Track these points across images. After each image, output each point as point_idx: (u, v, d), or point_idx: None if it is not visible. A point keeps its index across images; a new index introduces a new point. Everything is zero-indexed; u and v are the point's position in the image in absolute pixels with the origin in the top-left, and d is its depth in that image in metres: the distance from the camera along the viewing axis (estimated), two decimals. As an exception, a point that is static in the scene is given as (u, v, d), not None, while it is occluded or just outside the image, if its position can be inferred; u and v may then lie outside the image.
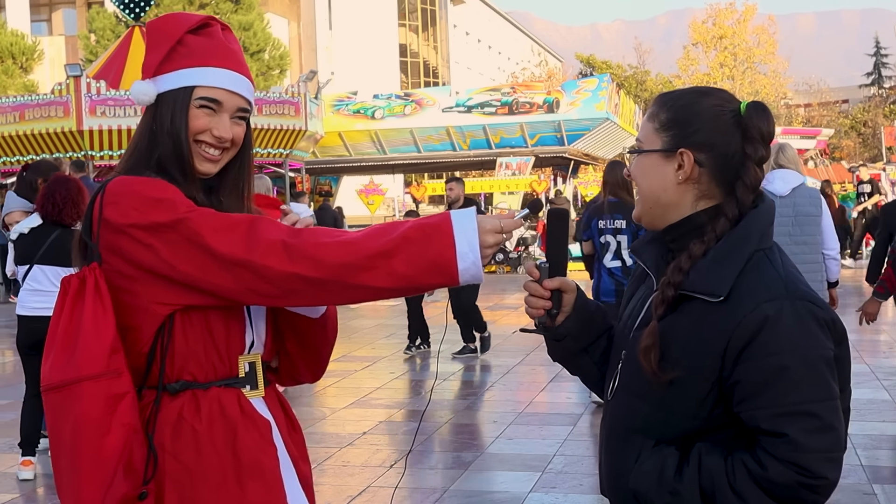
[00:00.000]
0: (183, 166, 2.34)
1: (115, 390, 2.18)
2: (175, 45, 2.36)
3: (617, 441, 2.22)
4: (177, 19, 2.41)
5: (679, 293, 2.09)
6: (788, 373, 1.98)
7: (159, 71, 2.36)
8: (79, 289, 2.23)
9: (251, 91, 2.45)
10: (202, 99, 2.34)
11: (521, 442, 7.65)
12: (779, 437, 1.97)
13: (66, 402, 2.18)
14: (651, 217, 2.23)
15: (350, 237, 2.20)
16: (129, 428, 2.19)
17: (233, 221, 2.21)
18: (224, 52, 2.40)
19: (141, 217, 2.20)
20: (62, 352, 2.20)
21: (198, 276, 2.20)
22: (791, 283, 2.06)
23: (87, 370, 2.16)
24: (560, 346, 2.39)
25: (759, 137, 2.13)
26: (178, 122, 2.33)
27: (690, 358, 2.05)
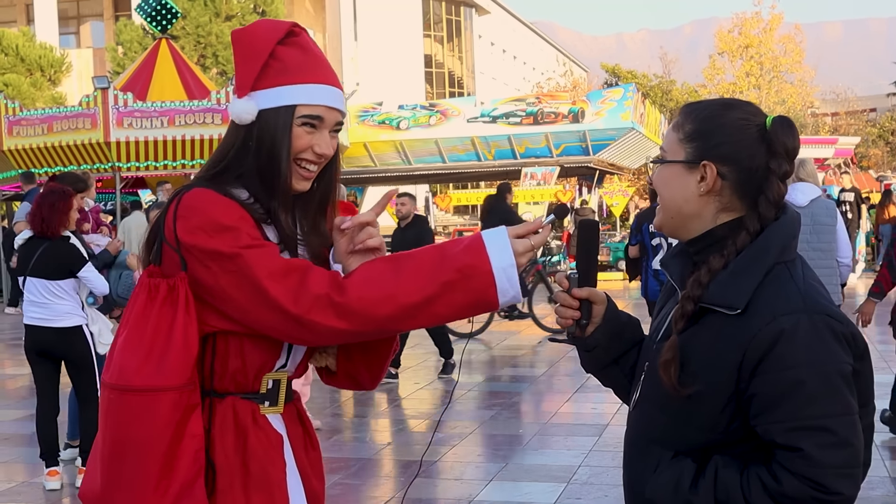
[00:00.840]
0: (273, 182, 2.33)
1: (192, 401, 2.24)
2: (268, 59, 2.34)
3: (636, 451, 2.23)
4: (264, 31, 2.38)
5: (699, 306, 2.09)
6: (804, 387, 1.97)
7: (256, 87, 2.35)
8: (168, 296, 2.24)
9: (344, 102, 2.45)
10: (305, 118, 2.34)
11: (546, 452, 7.63)
12: (794, 451, 1.96)
13: (149, 406, 2.20)
14: (672, 227, 2.23)
15: (393, 284, 2.20)
16: (199, 439, 2.25)
17: (287, 268, 2.22)
18: (319, 66, 2.40)
19: (206, 240, 2.23)
20: (149, 357, 2.22)
21: (248, 307, 2.23)
22: (810, 297, 2.05)
23: (176, 380, 2.21)
24: (591, 356, 2.39)
25: (784, 153, 2.12)
26: (281, 142, 2.33)
27: (708, 371, 2.05)
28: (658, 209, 2.26)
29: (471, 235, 2.28)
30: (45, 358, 7.15)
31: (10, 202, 24.84)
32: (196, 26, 35.58)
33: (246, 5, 37.63)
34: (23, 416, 9.60)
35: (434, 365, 11.96)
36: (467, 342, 8.38)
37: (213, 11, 36.49)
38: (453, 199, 31.17)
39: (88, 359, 7.11)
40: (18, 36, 41.14)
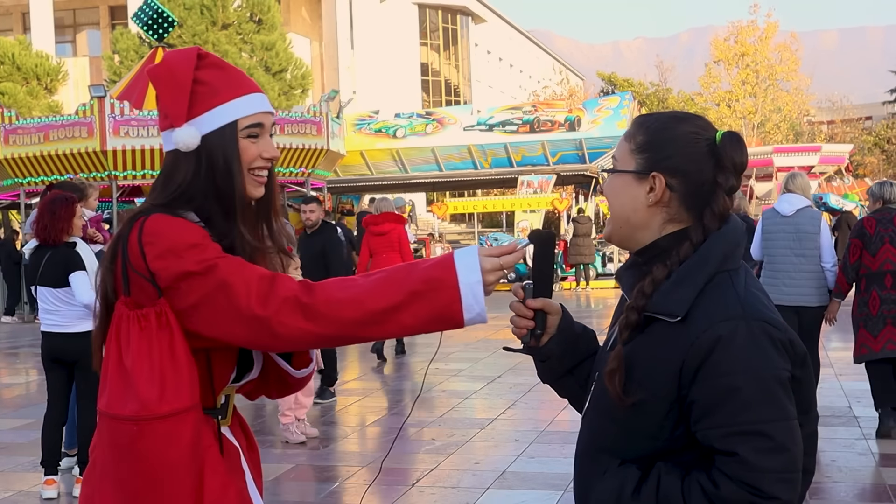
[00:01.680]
0: (231, 200, 2.43)
1: (199, 420, 2.34)
2: (193, 86, 2.44)
3: (585, 460, 2.26)
4: (178, 61, 2.47)
5: (644, 316, 2.12)
6: (740, 393, 1.99)
7: (191, 115, 2.43)
8: (158, 322, 2.31)
9: (269, 104, 2.56)
10: (248, 128, 2.45)
11: (542, 461, 7.63)
12: (730, 455, 1.98)
13: (175, 429, 2.27)
14: (619, 236, 2.26)
15: (361, 289, 2.28)
16: (215, 448, 2.39)
17: (256, 275, 2.29)
18: (240, 78, 2.51)
19: (176, 263, 2.29)
20: (164, 383, 2.28)
21: (219, 319, 2.29)
22: (749, 304, 2.07)
23: (193, 399, 2.30)
24: (545, 366, 2.43)
25: (732, 167, 2.16)
26: (232, 158, 2.43)
27: (651, 379, 2.07)
28: (607, 220, 2.30)
29: (444, 253, 2.35)
30: (59, 365, 7.19)
31: (5, 211, 24.83)
32: (193, 35, 35.61)
33: (242, 14, 37.67)
34: (20, 426, 9.59)
35: (432, 373, 11.95)
36: (329, 387, 8.17)
37: (210, 20, 36.53)
38: (450, 208, 31.14)
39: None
40: (14, 44, 41.14)
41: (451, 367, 12.45)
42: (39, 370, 13.34)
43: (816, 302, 8.29)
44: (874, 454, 7.65)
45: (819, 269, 8.29)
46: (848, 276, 8.27)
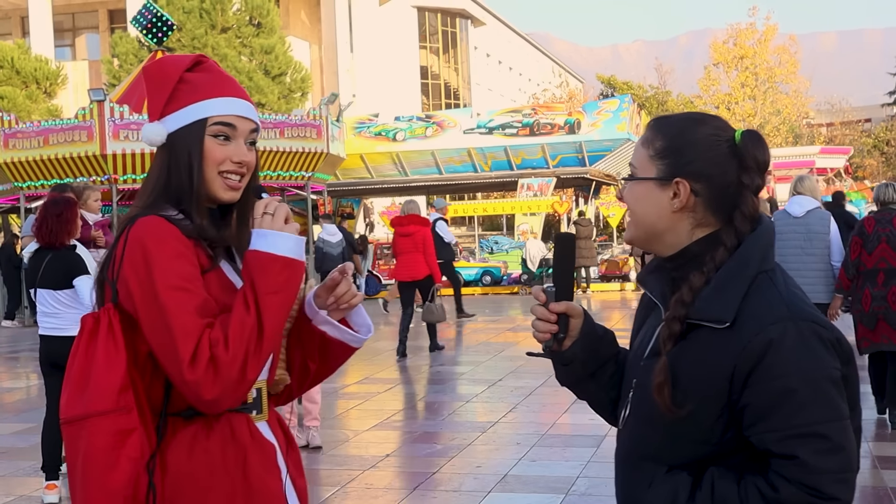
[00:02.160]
0: (196, 199, 2.44)
1: (123, 426, 2.26)
2: (177, 84, 2.46)
3: (629, 469, 2.22)
4: (172, 61, 2.51)
5: (686, 322, 2.09)
6: (795, 395, 1.98)
7: (166, 112, 2.46)
8: (93, 328, 2.32)
9: (257, 115, 2.55)
10: (217, 126, 2.44)
11: (544, 464, 7.62)
12: (789, 459, 1.97)
13: (77, 435, 2.28)
14: (645, 243, 2.24)
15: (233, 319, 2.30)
16: (137, 462, 2.27)
17: (196, 327, 2.27)
18: (226, 82, 2.51)
19: (136, 275, 2.31)
20: (76, 388, 2.30)
21: (156, 353, 2.30)
22: (794, 305, 2.06)
23: (96, 406, 2.26)
24: (567, 370, 2.39)
25: (755, 167, 2.14)
26: (194, 155, 2.43)
27: (700, 385, 2.05)
28: (629, 224, 2.27)
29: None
30: (58, 368, 7.18)
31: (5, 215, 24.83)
32: (192, 38, 35.63)
33: (242, 17, 37.68)
34: (20, 430, 9.58)
35: (435, 377, 11.96)
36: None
37: (209, 23, 36.54)
38: (450, 211, 31.16)
39: None
40: (14, 48, 41.16)
41: (452, 371, 12.45)
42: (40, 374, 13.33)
43: (826, 298, 8.76)
44: (873, 457, 7.64)
45: (829, 266, 8.78)
46: (848, 273, 8.57)
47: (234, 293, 2.39)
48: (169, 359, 2.26)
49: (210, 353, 2.24)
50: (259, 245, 2.33)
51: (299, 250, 2.36)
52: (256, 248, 2.33)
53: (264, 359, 2.32)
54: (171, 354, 2.25)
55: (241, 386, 2.28)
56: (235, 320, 2.27)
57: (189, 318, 2.26)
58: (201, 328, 2.26)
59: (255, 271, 2.31)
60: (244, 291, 2.31)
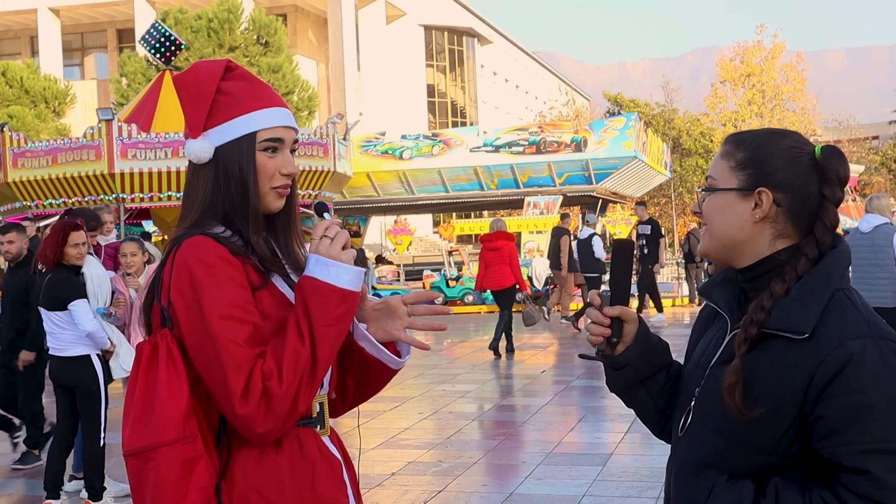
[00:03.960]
0: (249, 213, 2.39)
1: (190, 454, 2.23)
2: (215, 96, 2.41)
3: (689, 475, 2.21)
4: (205, 70, 2.44)
5: (760, 331, 2.10)
6: (873, 411, 1.98)
7: (209, 126, 2.40)
8: (151, 355, 2.27)
9: (294, 121, 2.51)
10: (266, 141, 2.40)
11: (550, 482, 7.62)
12: (861, 473, 1.96)
13: (144, 467, 2.23)
14: (724, 255, 2.24)
15: (289, 347, 2.26)
16: (206, 491, 2.25)
17: (247, 359, 2.24)
18: (265, 91, 2.46)
19: (185, 302, 2.27)
20: (139, 419, 2.25)
21: (207, 383, 2.28)
22: (873, 323, 2.06)
23: (163, 437, 2.21)
24: (618, 375, 2.38)
25: (837, 180, 2.15)
26: (247, 171, 2.39)
27: (771, 395, 2.05)
28: (705, 236, 2.27)
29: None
30: (63, 388, 7.22)
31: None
32: (200, 57, 35.76)
33: (249, 36, 37.85)
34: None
35: (439, 395, 11.96)
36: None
37: (217, 43, 36.71)
38: (456, 229, 31.22)
39: (94, 388, 7.15)
40: (23, 68, 41.37)
41: (458, 389, 12.45)
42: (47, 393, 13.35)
43: (893, 303, 9.91)
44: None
45: (893, 275, 9.99)
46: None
47: (287, 306, 2.36)
48: (220, 391, 2.23)
49: (263, 387, 2.21)
50: (319, 273, 2.30)
51: (358, 283, 2.34)
52: (316, 277, 2.30)
53: (315, 390, 2.29)
54: (221, 387, 2.22)
55: (291, 418, 2.26)
56: (290, 351, 2.24)
57: (240, 350, 2.22)
58: (252, 359, 2.23)
59: (313, 301, 2.28)
60: (298, 320, 2.27)
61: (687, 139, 59.06)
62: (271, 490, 2.31)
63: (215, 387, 2.24)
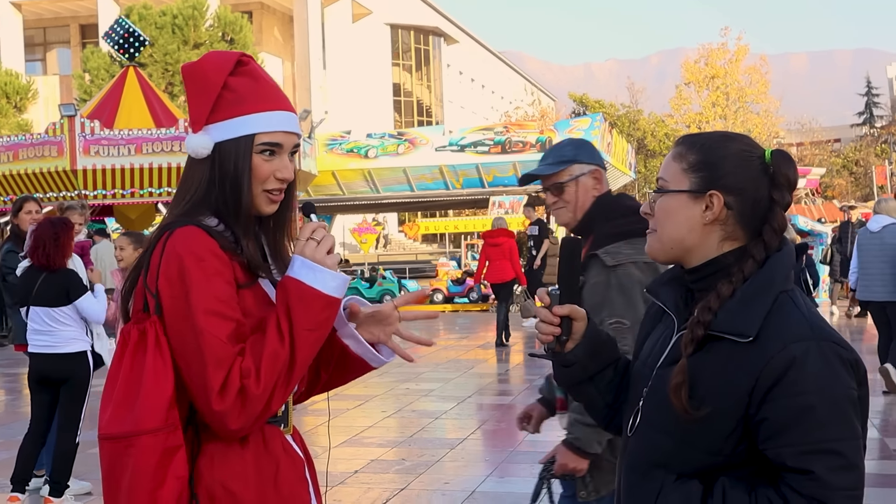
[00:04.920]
0: (240, 213, 2.39)
1: (170, 443, 2.22)
2: (221, 91, 2.39)
3: (638, 476, 2.23)
4: (215, 63, 2.42)
5: (706, 332, 2.13)
6: (815, 412, 2.01)
7: (210, 120, 2.39)
8: (139, 341, 2.26)
9: (299, 126, 2.50)
10: (264, 145, 2.39)
11: (512, 481, 7.64)
12: (804, 473, 2.00)
13: (124, 453, 2.22)
14: (671, 255, 2.26)
15: (267, 349, 2.25)
16: (183, 480, 2.24)
17: (224, 358, 2.23)
18: (272, 93, 2.44)
19: (173, 290, 2.26)
20: (122, 403, 2.24)
21: (184, 373, 2.26)
22: (816, 325, 2.09)
23: (147, 424, 2.20)
24: (567, 372, 2.40)
25: (787, 184, 2.18)
26: (242, 171, 2.38)
27: (716, 396, 2.08)
28: (652, 237, 2.29)
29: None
30: (45, 387, 7.19)
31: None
32: (164, 54, 35.57)
33: (214, 33, 37.65)
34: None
35: (403, 393, 11.96)
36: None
37: (182, 39, 36.48)
38: (421, 228, 31.23)
39: (85, 384, 7.20)
40: (-16, 63, 40.92)
41: (421, 388, 12.46)
42: (7, 391, 13.24)
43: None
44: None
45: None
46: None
47: (269, 306, 2.35)
48: (198, 385, 2.22)
49: (240, 385, 2.21)
50: (304, 277, 2.29)
51: (343, 289, 2.34)
52: (301, 280, 2.29)
53: (290, 391, 2.30)
54: (200, 381, 2.22)
55: (264, 416, 2.27)
56: (269, 351, 2.24)
57: (222, 347, 2.22)
58: (233, 357, 2.23)
59: (296, 304, 2.27)
60: (279, 320, 2.27)
61: (651, 140, 59.40)
62: (236, 484, 2.31)
63: (193, 380, 2.23)
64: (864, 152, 64.38)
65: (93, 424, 7.55)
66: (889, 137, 66.25)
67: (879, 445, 8.72)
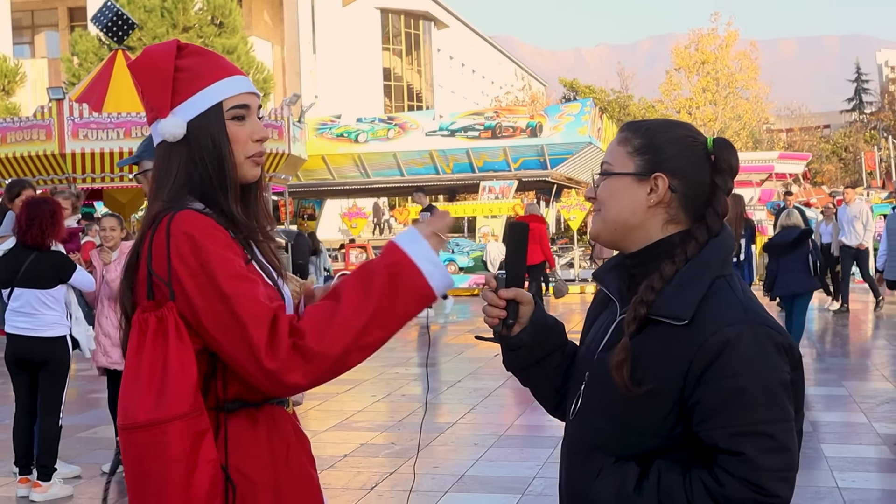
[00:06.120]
0: (227, 184, 2.39)
1: (199, 427, 2.22)
2: (175, 74, 2.40)
3: (578, 458, 2.27)
4: (159, 52, 2.43)
5: (648, 312, 2.15)
6: (746, 395, 2.04)
7: (174, 103, 2.39)
8: (158, 328, 2.24)
9: (253, 85, 2.52)
10: (234, 109, 2.40)
11: (501, 464, 7.66)
12: (735, 455, 2.03)
13: (154, 440, 2.19)
14: (613, 238, 2.29)
15: (340, 312, 2.23)
16: (214, 464, 2.24)
17: (265, 314, 2.21)
18: (221, 62, 2.47)
19: (195, 267, 2.24)
20: (148, 391, 2.21)
21: (222, 350, 2.25)
22: (750, 308, 2.12)
23: (178, 409, 2.19)
24: (514, 356, 2.44)
25: (728, 170, 2.22)
26: (221, 141, 2.38)
27: (654, 378, 2.10)
28: (596, 219, 2.31)
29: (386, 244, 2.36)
30: (24, 368, 7.18)
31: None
32: (153, 37, 35.42)
33: (203, 17, 37.52)
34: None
35: (393, 377, 11.97)
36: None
37: (171, 23, 36.35)
38: (411, 213, 31.17)
39: (65, 368, 7.21)
40: (-28, 46, 40.73)
41: (410, 372, 12.47)
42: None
43: None
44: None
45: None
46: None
47: (265, 286, 2.33)
48: (242, 350, 2.20)
49: (292, 342, 2.19)
50: (432, 275, 2.29)
51: (440, 277, 2.32)
52: (426, 276, 2.28)
53: (364, 356, 2.28)
54: (244, 344, 2.19)
55: (336, 370, 2.25)
56: (342, 318, 2.21)
57: (256, 304, 2.21)
58: (271, 312, 2.21)
59: (407, 296, 2.27)
60: (369, 294, 2.24)
61: (641, 126, 59.42)
62: (250, 467, 2.32)
63: (235, 347, 2.21)
64: (854, 138, 64.53)
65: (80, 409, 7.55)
66: (878, 123, 66.39)
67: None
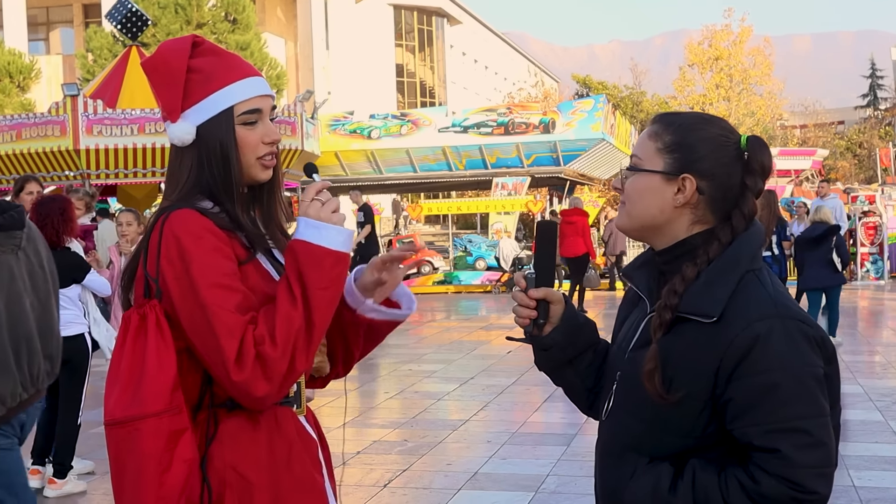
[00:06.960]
0: (232, 189, 2.39)
1: (175, 426, 2.23)
2: (187, 75, 2.39)
3: (611, 459, 2.25)
4: (173, 51, 2.43)
5: (674, 315, 2.12)
6: (779, 390, 2.02)
7: (185, 106, 2.39)
8: (139, 325, 2.26)
9: (269, 87, 2.50)
10: (245, 114, 2.40)
11: (514, 462, 7.66)
12: (771, 452, 2.00)
13: (129, 437, 2.22)
14: (641, 234, 2.27)
15: (278, 308, 2.26)
16: (190, 463, 2.24)
17: (234, 326, 2.23)
18: (236, 63, 2.46)
19: (176, 272, 2.26)
20: (126, 388, 2.24)
21: (198, 351, 2.27)
22: (781, 303, 2.09)
23: (151, 407, 2.21)
24: (546, 356, 2.41)
25: (760, 171, 2.18)
26: (228, 147, 2.38)
27: (684, 378, 2.08)
28: (622, 213, 2.29)
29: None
30: None
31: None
32: (167, 34, 35.47)
33: (217, 13, 37.56)
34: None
35: (405, 374, 11.98)
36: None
37: (185, 19, 36.41)
38: (424, 209, 31.18)
39: (84, 366, 7.21)
40: (-13, 42, 40.86)
41: (423, 369, 12.47)
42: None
43: None
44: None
45: None
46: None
47: (271, 282, 2.35)
48: (214, 359, 2.22)
49: (255, 351, 2.20)
50: (310, 236, 2.29)
51: (350, 244, 2.33)
52: (306, 240, 2.28)
53: (313, 354, 2.29)
54: (215, 354, 2.21)
55: (289, 380, 2.26)
56: (281, 315, 2.23)
57: (231, 317, 2.22)
58: (244, 325, 2.22)
59: (306, 265, 2.26)
60: (290, 284, 2.26)
61: (655, 122, 59.24)
62: (247, 468, 2.31)
63: (209, 355, 2.23)
64: (868, 134, 64.19)
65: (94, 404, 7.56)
66: (893, 119, 66.10)
67: None
